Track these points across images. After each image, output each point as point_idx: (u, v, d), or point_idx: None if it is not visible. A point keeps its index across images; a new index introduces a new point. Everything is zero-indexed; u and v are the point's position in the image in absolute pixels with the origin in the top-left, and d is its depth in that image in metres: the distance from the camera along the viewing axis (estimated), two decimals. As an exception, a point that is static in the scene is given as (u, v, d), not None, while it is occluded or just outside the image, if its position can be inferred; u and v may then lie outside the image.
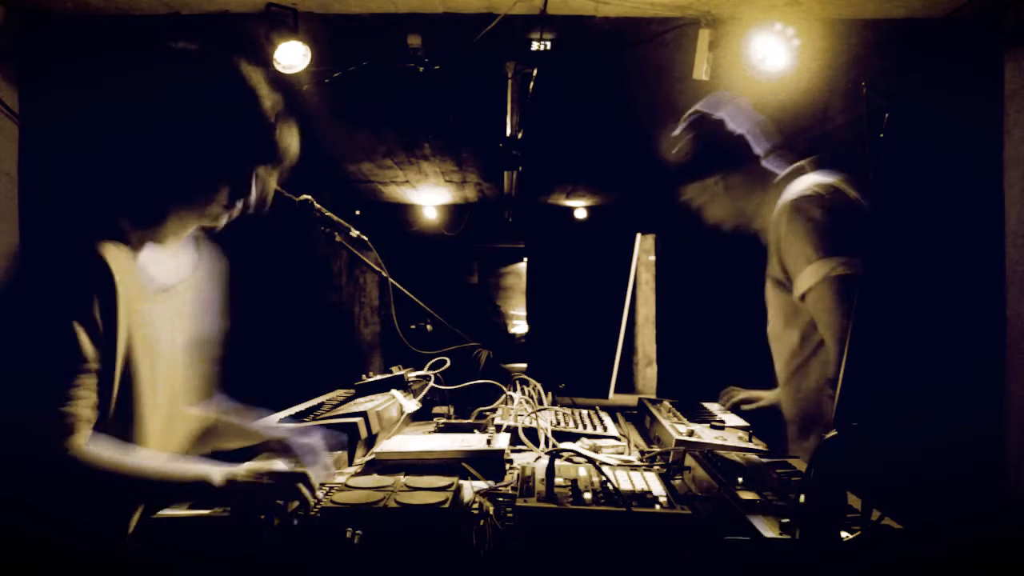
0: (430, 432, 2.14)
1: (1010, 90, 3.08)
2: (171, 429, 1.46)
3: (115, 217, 1.33)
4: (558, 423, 2.14)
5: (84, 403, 1.21)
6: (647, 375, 7.96)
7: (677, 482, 1.59)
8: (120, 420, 1.29)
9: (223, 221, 1.44)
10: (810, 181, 2.01)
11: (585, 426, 2.16)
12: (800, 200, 1.96)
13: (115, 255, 1.27)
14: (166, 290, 1.42)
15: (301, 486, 1.27)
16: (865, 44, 3.43)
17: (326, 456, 1.52)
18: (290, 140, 1.42)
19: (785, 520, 1.15)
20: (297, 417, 2.02)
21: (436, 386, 2.43)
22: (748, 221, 2.21)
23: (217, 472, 1.25)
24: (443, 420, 2.28)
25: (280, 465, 1.36)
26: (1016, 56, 3.06)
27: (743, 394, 2.48)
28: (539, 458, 1.76)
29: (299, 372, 4.51)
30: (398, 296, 2.45)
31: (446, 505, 1.27)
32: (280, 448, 1.52)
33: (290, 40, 3.18)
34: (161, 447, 1.41)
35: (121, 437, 1.28)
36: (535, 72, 3.61)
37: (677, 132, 2.21)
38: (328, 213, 2.15)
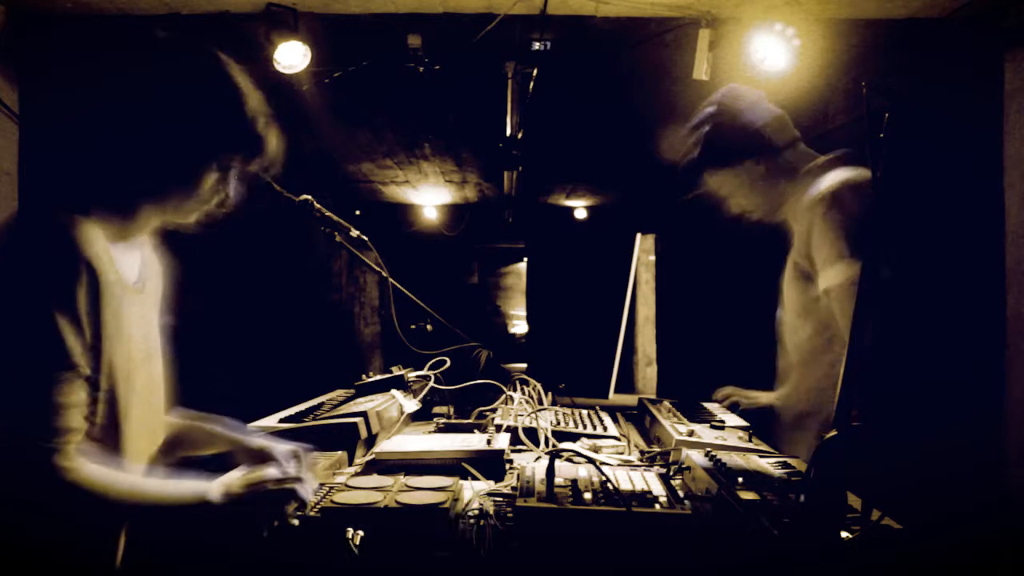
0: (430, 432, 2.14)
1: (1010, 90, 3.08)
2: (149, 438, 1.41)
3: (92, 209, 1.26)
4: (558, 423, 2.14)
5: (74, 413, 1.13)
6: (647, 375, 7.96)
7: (677, 482, 1.59)
8: (106, 428, 1.22)
9: (194, 218, 1.37)
10: (849, 172, 1.98)
11: (585, 426, 2.16)
12: (842, 190, 1.92)
13: (96, 247, 1.20)
14: (137, 289, 1.35)
15: (299, 489, 1.26)
16: (865, 44, 3.43)
17: (307, 461, 1.50)
18: (270, 133, 1.36)
19: (785, 520, 1.15)
20: (297, 417, 2.02)
21: (436, 386, 2.43)
22: (773, 211, 2.18)
23: (213, 488, 1.22)
24: (443, 420, 2.28)
25: (273, 472, 1.32)
26: (1016, 56, 3.06)
27: (742, 394, 2.48)
28: (539, 458, 1.76)
29: (299, 372, 4.52)
30: (398, 296, 2.45)
31: (446, 505, 1.27)
32: (260, 455, 1.45)
33: (290, 40, 3.18)
34: (140, 457, 1.35)
35: (107, 447, 1.22)
36: (535, 72, 3.61)
37: (693, 123, 2.18)
38: (328, 213, 2.15)
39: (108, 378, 1.21)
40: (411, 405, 2.26)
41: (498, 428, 2.00)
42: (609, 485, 1.31)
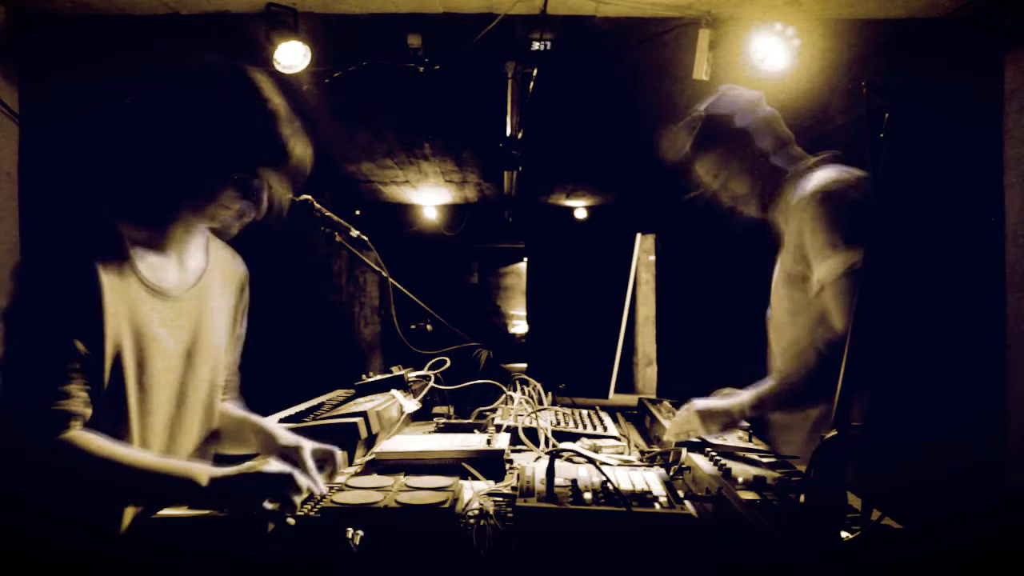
0: (430, 432, 2.14)
1: (1010, 90, 3.08)
2: (173, 433, 1.45)
3: (112, 220, 1.33)
4: (558, 423, 2.14)
5: (77, 400, 1.23)
6: (647, 375, 7.97)
7: (677, 482, 1.59)
8: (112, 421, 1.29)
9: (233, 226, 1.42)
10: (836, 172, 1.98)
11: (585, 426, 2.16)
12: (832, 186, 1.92)
13: (107, 254, 1.29)
14: (166, 295, 1.40)
15: (285, 488, 1.24)
16: (865, 44, 3.43)
17: (335, 461, 1.49)
18: (296, 144, 1.41)
19: (785, 520, 1.15)
20: (297, 417, 2.02)
21: (436, 386, 2.42)
22: (763, 207, 2.18)
23: (203, 472, 1.23)
24: (443, 420, 2.28)
25: (271, 466, 1.32)
26: (1016, 56, 3.06)
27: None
28: (539, 458, 1.76)
29: (299, 372, 4.51)
30: (398, 296, 2.45)
31: (446, 505, 1.27)
32: (288, 455, 1.45)
33: (290, 40, 3.18)
34: (164, 452, 1.41)
35: (119, 432, 1.29)
36: (535, 72, 3.61)
37: (682, 124, 2.19)
38: (328, 213, 2.14)
39: (111, 374, 1.28)
40: (411, 405, 2.26)
41: (498, 428, 1.99)
42: (609, 485, 1.31)
